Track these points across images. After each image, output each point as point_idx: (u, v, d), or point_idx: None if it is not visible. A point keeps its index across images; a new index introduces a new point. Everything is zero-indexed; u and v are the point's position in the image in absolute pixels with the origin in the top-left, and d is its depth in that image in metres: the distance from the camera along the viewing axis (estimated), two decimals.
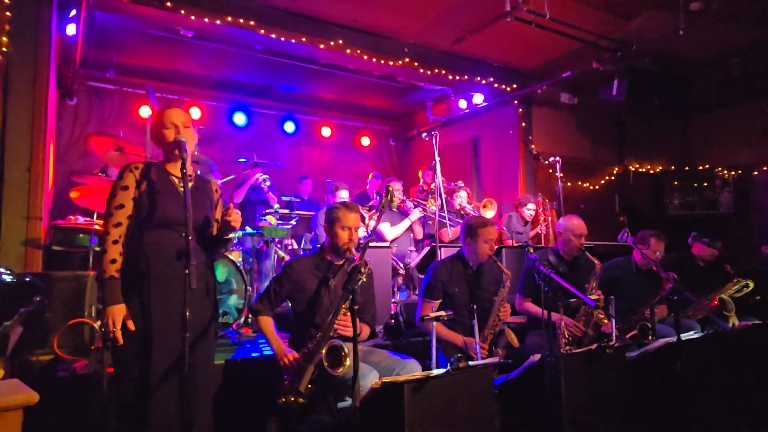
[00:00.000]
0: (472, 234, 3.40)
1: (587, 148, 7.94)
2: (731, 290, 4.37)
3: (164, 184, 2.30)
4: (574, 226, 3.81)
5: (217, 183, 2.61)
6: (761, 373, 3.55)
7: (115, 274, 2.15)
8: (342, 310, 2.57)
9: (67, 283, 3.45)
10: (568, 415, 2.68)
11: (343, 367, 2.47)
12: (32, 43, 4.28)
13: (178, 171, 2.31)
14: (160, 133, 2.35)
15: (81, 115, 6.89)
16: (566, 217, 3.92)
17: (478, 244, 3.38)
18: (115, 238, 2.19)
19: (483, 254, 3.38)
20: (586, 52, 6.03)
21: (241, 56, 6.29)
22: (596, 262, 3.72)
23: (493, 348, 3.29)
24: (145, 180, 2.27)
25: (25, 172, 4.15)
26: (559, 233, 3.91)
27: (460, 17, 5.66)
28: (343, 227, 2.89)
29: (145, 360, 2.15)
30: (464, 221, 3.62)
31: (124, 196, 2.24)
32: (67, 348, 3.27)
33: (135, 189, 2.26)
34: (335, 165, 9.09)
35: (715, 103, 8.01)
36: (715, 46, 6.24)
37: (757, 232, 7.65)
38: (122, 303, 2.14)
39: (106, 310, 2.12)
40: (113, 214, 2.22)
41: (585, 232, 3.84)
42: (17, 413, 1.90)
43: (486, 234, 3.36)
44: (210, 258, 2.49)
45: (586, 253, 3.79)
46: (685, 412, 3.05)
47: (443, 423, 2.29)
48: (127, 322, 2.14)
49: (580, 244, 3.81)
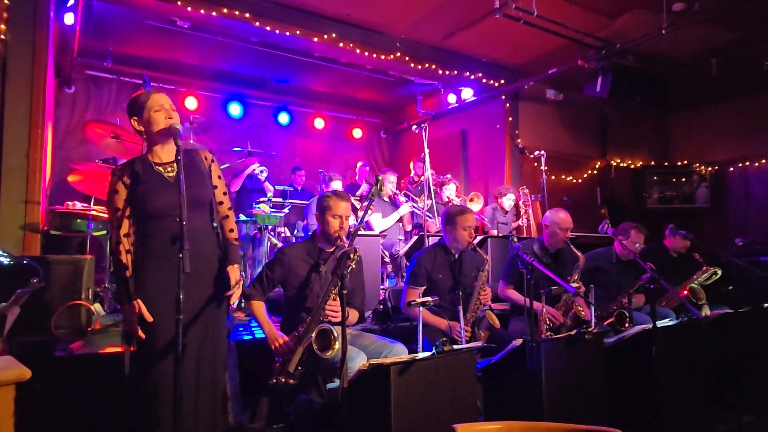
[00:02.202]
0: (451, 222, 3.49)
1: (571, 142, 8.12)
2: (701, 278, 4.52)
3: (150, 175, 2.28)
4: (560, 220, 3.88)
5: (206, 150, 2.56)
6: (731, 359, 3.68)
7: (125, 274, 2.21)
8: (331, 295, 2.67)
9: (64, 267, 3.47)
10: (548, 397, 2.74)
11: (331, 350, 2.53)
12: (30, 31, 4.30)
13: (163, 157, 2.33)
14: (147, 117, 2.29)
15: (79, 103, 6.95)
16: (553, 211, 3.98)
17: (457, 231, 3.45)
18: (118, 240, 2.23)
19: (462, 241, 3.45)
20: (572, 49, 6.16)
21: (236, 48, 6.35)
22: (580, 255, 3.79)
23: (475, 329, 3.39)
24: (131, 178, 2.27)
25: (23, 157, 4.19)
26: (546, 226, 3.97)
27: (451, 13, 5.76)
28: (333, 215, 2.95)
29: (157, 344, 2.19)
30: (443, 210, 3.70)
31: (118, 200, 2.26)
32: (64, 329, 3.31)
33: (125, 190, 2.26)
34: (328, 156, 9.19)
35: (693, 101, 8.23)
36: (695, 46, 6.39)
37: (731, 226, 7.93)
38: (135, 299, 2.18)
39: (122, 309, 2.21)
40: (113, 220, 2.26)
41: (571, 225, 3.89)
42: (10, 389, 1.90)
43: (464, 221, 3.44)
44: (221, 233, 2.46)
45: (571, 247, 3.87)
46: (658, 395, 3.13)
47: (428, 404, 2.35)
48: (144, 314, 2.17)
49: (565, 237, 3.86)
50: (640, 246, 4.32)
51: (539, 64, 6.85)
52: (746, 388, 3.62)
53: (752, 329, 3.82)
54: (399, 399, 2.23)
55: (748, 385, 3.67)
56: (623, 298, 4.08)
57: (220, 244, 2.44)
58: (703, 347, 3.59)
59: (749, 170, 7.91)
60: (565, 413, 2.82)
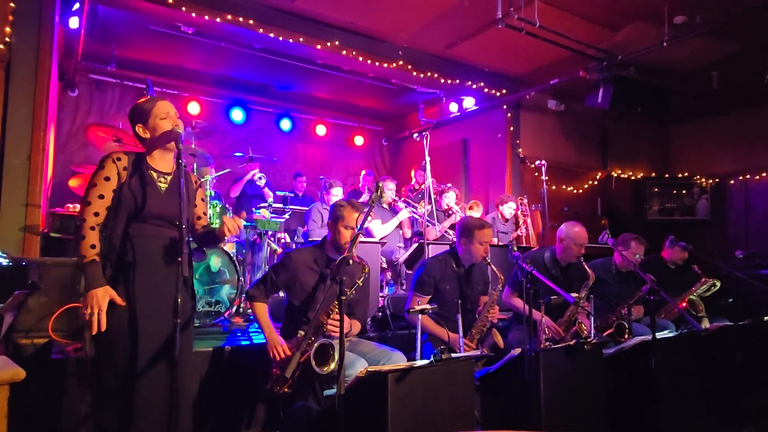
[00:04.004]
0: (468, 235, 3.41)
1: (572, 153, 8.15)
2: (700, 290, 4.49)
3: (144, 179, 2.26)
4: (576, 234, 3.75)
5: (196, 176, 2.59)
6: (730, 371, 3.68)
7: (96, 258, 2.11)
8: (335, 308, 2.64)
9: (63, 269, 3.45)
10: (546, 408, 2.73)
11: (328, 366, 2.51)
12: (35, 33, 4.32)
13: (159, 165, 2.32)
14: (153, 124, 2.28)
15: (82, 106, 6.99)
16: (569, 224, 3.83)
17: (473, 245, 3.38)
18: (93, 225, 2.15)
19: (477, 255, 3.39)
20: (574, 60, 6.18)
21: (239, 54, 6.38)
22: (591, 274, 3.68)
23: (479, 347, 3.33)
24: (128, 172, 2.23)
25: (24, 160, 4.20)
26: (560, 239, 3.84)
27: (453, 23, 5.79)
28: (346, 226, 2.91)
29: (131, 347, 2.14)
30: (461, 221, 3.62)
31: (106, 186, 2.19)
32: (62, 332, 3.27)
33: (117, 180, 2.21)
34: (329, 162, 9.23)
35: (694, 113, 8.25)
36: (696, 59, 6.41)
37: (732, 238, 7.93)
38: (106, 285, 2.10)
39: (88, 294, 2.07)
40: (92, 203, 2.17)
41: (586, 241, 3.77)
42: (4, 389, 1.91)
43: (482, 236, 3.37)
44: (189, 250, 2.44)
45: (583, 264, 3.75)
46: (657, 406, 3.12)
47: (425, 412, 2.31)
48: (115, 299, 2.10)
49: (579, 253, 3.75)
50: (640, 257, 4.30)
51: (541, 75, 6.89)
52: (745, 400, 3.61)
53: (752, 342, 3.82)
54: (396, 407, 2.21)
55: (748, 398, 3.65)
56: (623, 309, 4.05)
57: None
58: (703, 359, 3.58)
59: (750, 183, 7.92)
60: (564, 424, 2.81)
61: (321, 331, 2.71)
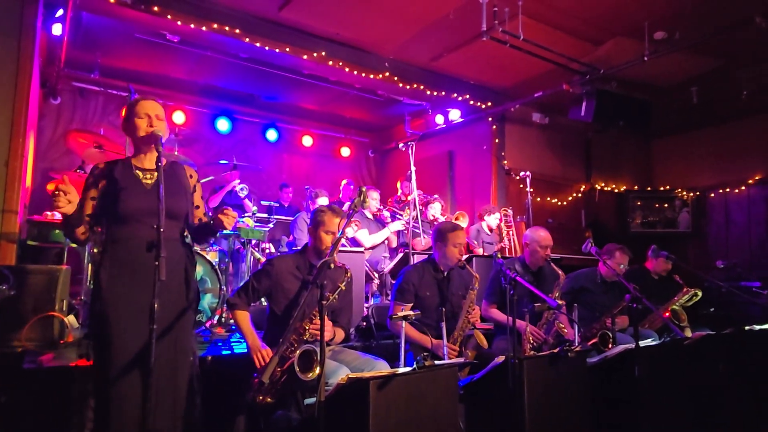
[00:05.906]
0: (442, 238, 3.48)
1: (556, 165, 8.24)
2: (682, 300, 4.54)
3: (127, 179, 2.28)
4: (540, 238, 3.93)
5: (192, 169, 2.59)
6: (712, 379, 3.70)
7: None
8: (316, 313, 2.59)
9: (39, 277, 3.41)
10: (530, 416, 2.72)
11: (313, 372, 2.47)
12: (16, 39, 4.27)
13: (145, 163, 2.34)
14: (131, 122, 2.31)
15: (64, 114, 6.89)
16: (533, 229, 4.03)
17: (447, 248, 3.45)
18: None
19: (453, 258, 3.45)
20: (557, 73, 6.26)
21: (225, 63, 6.38)
22: (560, 273, 3.83)
23: (462, 349, 3.34)
24: (105, 179, 2.27)
25: (2, 166, 4.11)
26: (526, 244, 4.01)
27: (439, 35, 5.86)
28: (326, 231, 2.92)
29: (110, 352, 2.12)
30: (435, 227, 3.69)
31: (85, 197, 2.26)
32: (36, 341, 3.24)
33: (94, 190, 2.27)
34: (315, 173, 9.19)
35: (676, 127, 8.42)
36: (677, 74, 6.55)
37: (713, 250, 8.05)
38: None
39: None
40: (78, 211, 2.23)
41: (550, 243, 3.95)
42: None
43: (455, 238, 3.44)
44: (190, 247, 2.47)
45: (551, 264, 3.89)
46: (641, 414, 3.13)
47: (408, 420, 2.28)
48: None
49: (545, 255, 3.90)
50: (625, 267, 4.34)
51: (525, 88, 6.97)
52: (728, 408, 3.63)
53: (734, 351, 3.85)
54: (378, 415, 2.18)
55: (730, 406, 3.67)
56: (607, 318, 4.09)
57: (189, 256, 2.43)
58: (686, 367, 3.61)
59: (729, 196, 8.06)
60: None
61: (303, 338, 2.67)
